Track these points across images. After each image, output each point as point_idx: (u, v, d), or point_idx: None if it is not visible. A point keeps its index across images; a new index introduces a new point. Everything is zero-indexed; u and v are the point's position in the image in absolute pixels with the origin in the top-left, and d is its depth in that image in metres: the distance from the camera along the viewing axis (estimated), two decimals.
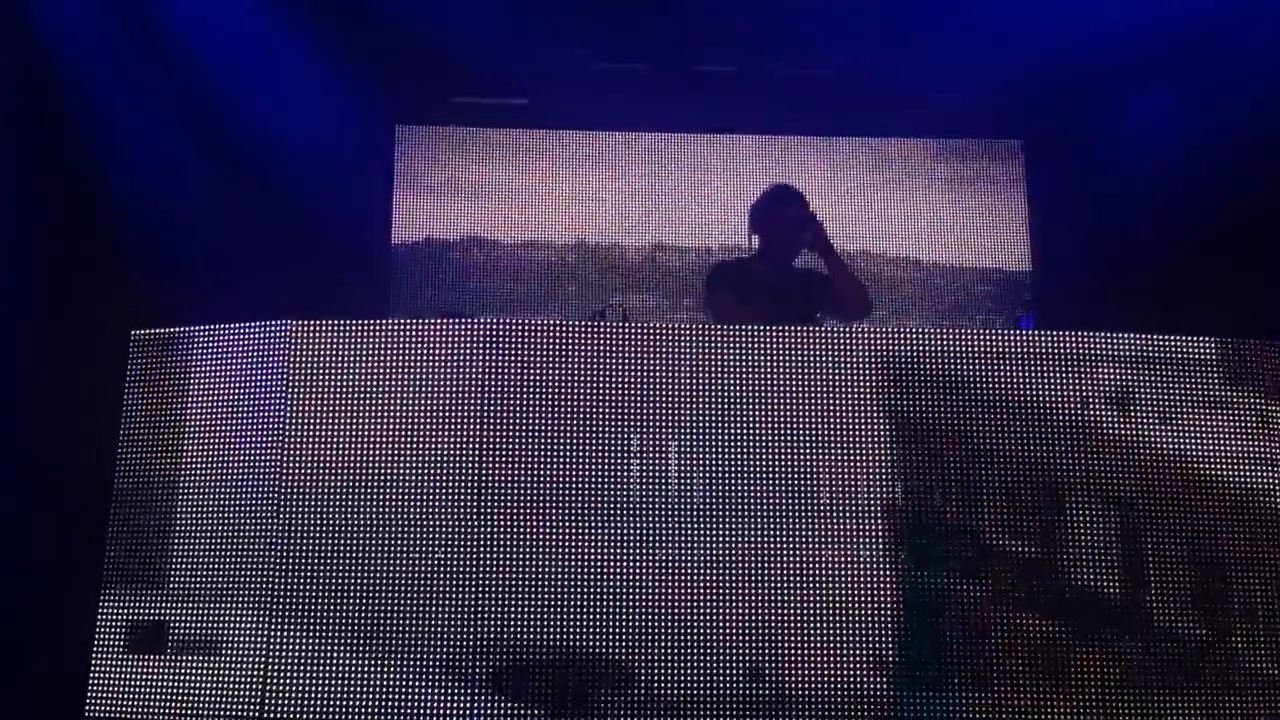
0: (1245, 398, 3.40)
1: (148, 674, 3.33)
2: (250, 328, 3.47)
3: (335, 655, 3.19)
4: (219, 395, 3.44)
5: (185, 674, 3.29)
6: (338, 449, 3.30)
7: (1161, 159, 6.48)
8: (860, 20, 6.48)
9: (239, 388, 3.42)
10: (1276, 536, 3.36)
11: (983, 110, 7.06)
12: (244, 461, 3.37)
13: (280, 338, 3.40)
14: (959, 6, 6.05)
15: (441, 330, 3.38)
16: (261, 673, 3.18)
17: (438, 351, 3.34)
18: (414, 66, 6.64)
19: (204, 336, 3.52)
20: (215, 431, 3.42)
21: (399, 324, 3.46)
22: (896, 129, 7.05)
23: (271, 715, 3.15)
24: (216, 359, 3.47)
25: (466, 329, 3.38)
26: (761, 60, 6.76)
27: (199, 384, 3.48)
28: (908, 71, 6.75)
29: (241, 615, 3.27)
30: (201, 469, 3.42)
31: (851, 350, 3.36)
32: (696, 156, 7.01)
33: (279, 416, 3.32)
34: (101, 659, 3.39)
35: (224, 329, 3.50)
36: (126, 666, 3.35)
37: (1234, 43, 5.78)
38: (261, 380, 3.39)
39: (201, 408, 3.46)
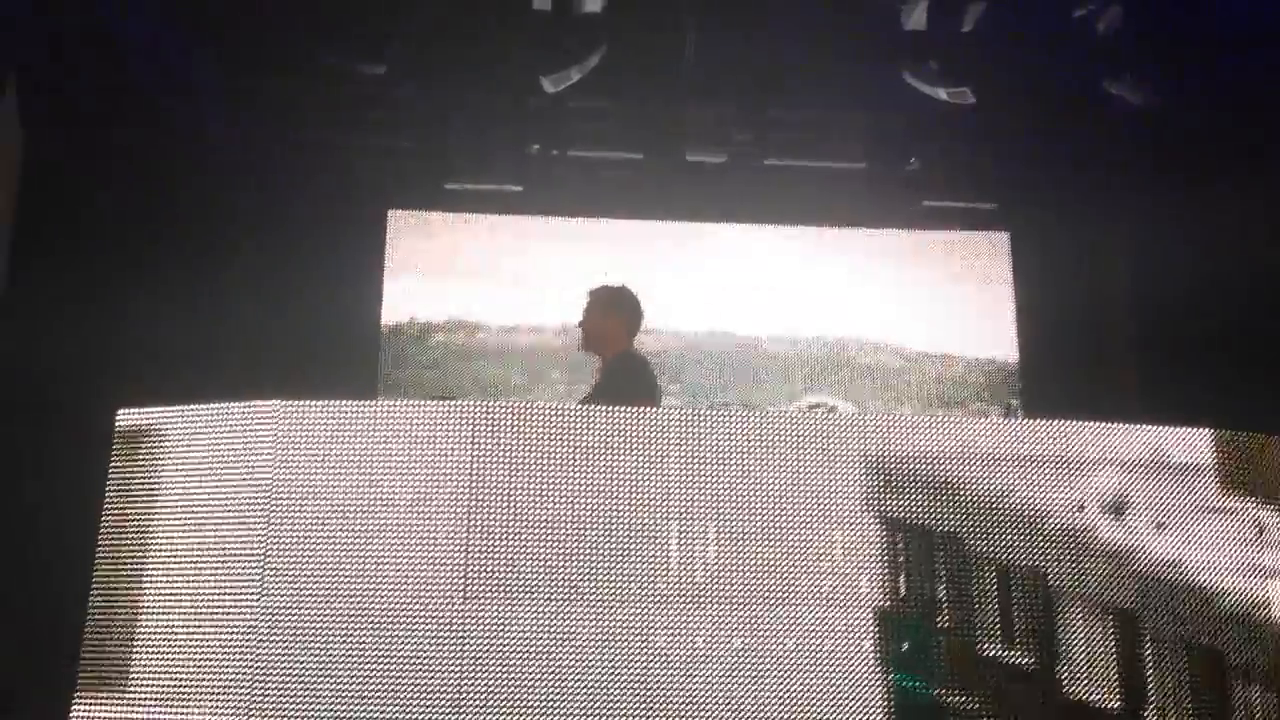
0: (1242, 504, 3.37)
1: None
2: (236, 408, 3.38)
3: None
4: (201, 479, 3.34)
5: None
6: (322, 534, 3.20)
7: (1146, 250, 6.56)
8: (849, 122, 6.60)
9: (223, 470, 3.32)
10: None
11: (971, 202, 7.18)
12: (224, 549, 3.26)
13: (267, 418, 3.32)
14: (946, 108, 6.13)
15: (430, 412, 3.31)
16: None
17: (426, 434, 3.26)
18: (408, 152, 6.70)
19: (190, 417, 3.42)
20: (195, 517, 3.31)
21: (387, 405, 3.41)
22: (887, 221, 7.11)
23: None
24: (202, 440, 3.37)
25: (455, 411, 3.31)
26: (753, 152, 6.82)
27: (182, 466, 3.38)
28: (897, 168, 6.85)
29: (215, 716, 3.15)
30: (180, 557, 3.31)
31: (845, 438, 3.31)
32: (685, 243, 7.05)
33: (263, 500, 3.23)
34: None
35: (210, 409, 3.40)
36: None
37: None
38: (246, 462, 3.30)
39: (182, 493, 3.36)
